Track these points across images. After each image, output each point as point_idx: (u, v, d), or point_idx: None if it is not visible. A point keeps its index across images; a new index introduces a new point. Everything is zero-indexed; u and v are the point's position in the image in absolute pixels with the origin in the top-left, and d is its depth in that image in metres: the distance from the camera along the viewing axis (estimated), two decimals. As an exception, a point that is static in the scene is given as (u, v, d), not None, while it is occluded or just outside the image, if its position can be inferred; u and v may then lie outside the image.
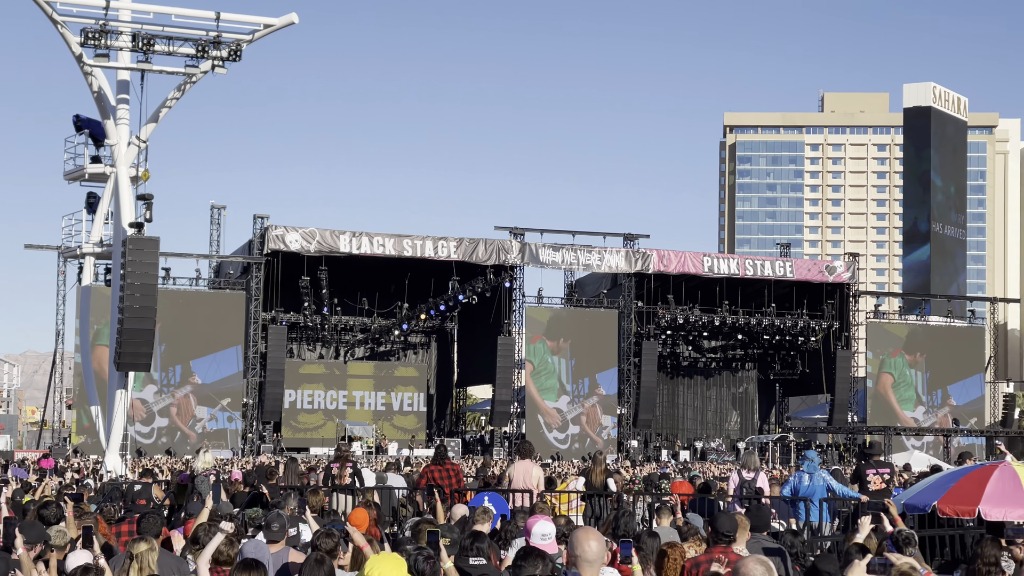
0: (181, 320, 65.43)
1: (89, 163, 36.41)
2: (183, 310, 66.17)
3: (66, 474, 30.59)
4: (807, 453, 20.02)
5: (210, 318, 67.23)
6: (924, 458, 56.04)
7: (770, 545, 11.95)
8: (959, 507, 12.05)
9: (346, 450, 22.95)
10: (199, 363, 67.58)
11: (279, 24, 35.57)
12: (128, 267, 33.50)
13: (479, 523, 12.48)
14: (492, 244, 69.72)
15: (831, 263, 79.32)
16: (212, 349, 67.65)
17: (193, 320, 66.48)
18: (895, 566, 8.48)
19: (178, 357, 66.91)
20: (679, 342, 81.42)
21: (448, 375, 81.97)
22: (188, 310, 66.61)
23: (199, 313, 67.17)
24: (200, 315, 67.06)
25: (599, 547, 8.21)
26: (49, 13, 33.27)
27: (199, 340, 67.14)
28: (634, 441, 73.80)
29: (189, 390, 67.38)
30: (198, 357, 67.45)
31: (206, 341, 67.36)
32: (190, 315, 66.39)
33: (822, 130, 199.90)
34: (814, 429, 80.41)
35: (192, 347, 67.02)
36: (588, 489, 20.65)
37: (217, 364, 67.77)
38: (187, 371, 67.35)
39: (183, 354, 67.00)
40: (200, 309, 67.50)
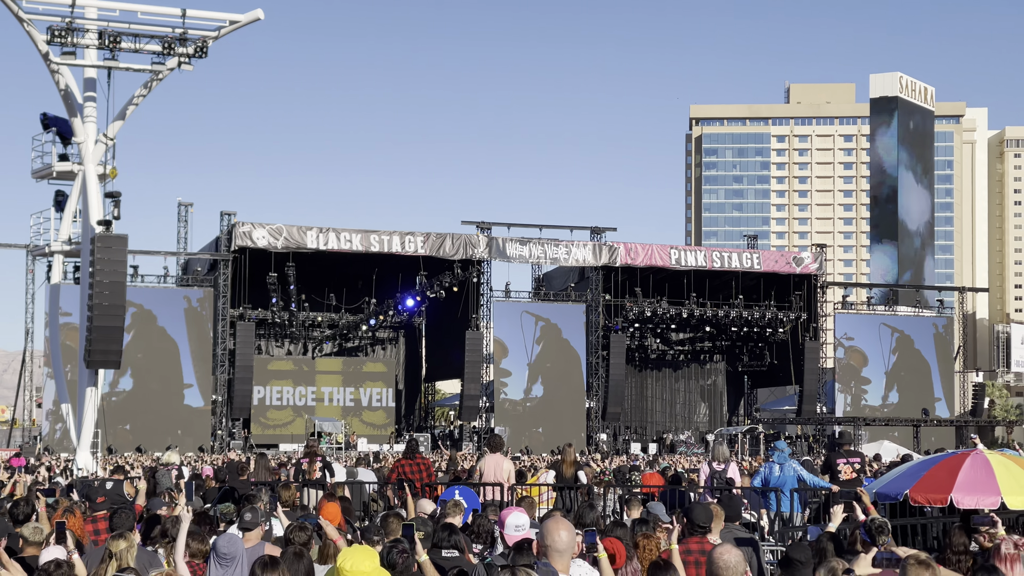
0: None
1: (57, 161, 36.24)
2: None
3: (39, 471, 30.47)
4: (777, 444, 20.11)
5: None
6: (894, 448, 56.45)
7: (742, 535, 12.05)
8: (931, 495, 12.14)
9: (315, 445, 22.98)
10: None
11: (245, 20, 35.48)
12: (97, 265, 33.39)
13: (451, 516, 12.53)
14: (459, 239, 69.73)
15: (798, 254, 79.64)
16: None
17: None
18: (908, 556, 8.49)
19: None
20: (647, 335, 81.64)
21: (416, 370, 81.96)
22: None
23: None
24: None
25: (569, 536, 8.29)
26: (15, 11, 33.10)
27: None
28: (603, 434, 73.97)
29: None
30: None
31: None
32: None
33: (788, 121, 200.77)
34: (783, 420, 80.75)
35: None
36: (558, 482, 20.72)
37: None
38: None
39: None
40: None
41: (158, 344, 67.07)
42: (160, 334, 67.38)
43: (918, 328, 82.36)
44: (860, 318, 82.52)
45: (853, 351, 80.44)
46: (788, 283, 76.83)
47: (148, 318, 66.57)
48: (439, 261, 69.64)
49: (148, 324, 66.58)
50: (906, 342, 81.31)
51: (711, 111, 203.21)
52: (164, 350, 67.30)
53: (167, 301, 68.00)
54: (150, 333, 66.74)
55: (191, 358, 68.04)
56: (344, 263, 70.77)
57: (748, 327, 77.48)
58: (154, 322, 67.07)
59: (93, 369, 35.00)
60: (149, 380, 66.84)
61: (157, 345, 67.01)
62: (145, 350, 66.15)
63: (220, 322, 67.42)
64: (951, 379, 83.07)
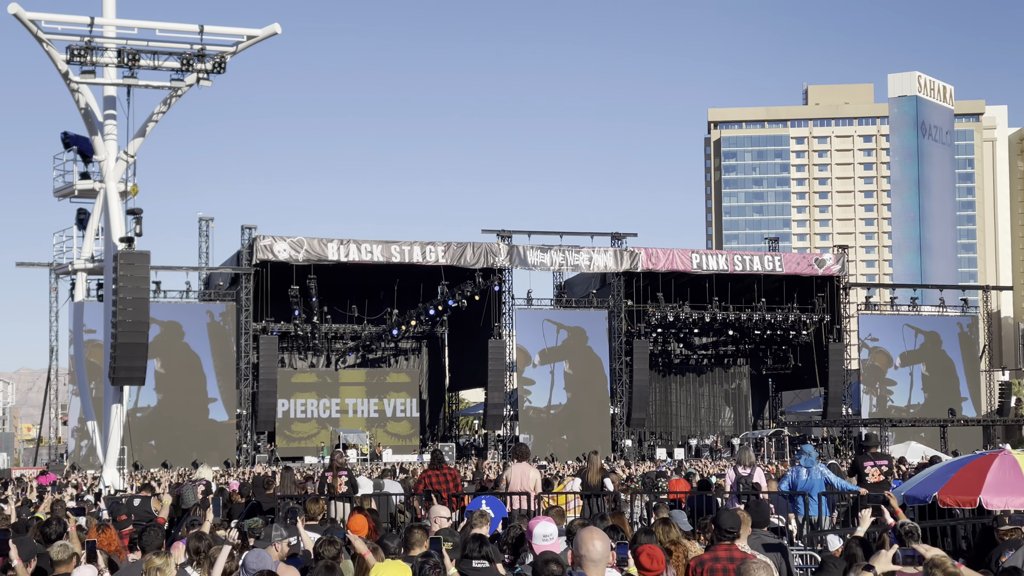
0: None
1: (78, 179, 36.39)
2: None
3: (66, 490, 30.54)
4: (804, 447, 20.02)
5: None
6: (920, 449, 56.20)
7: (770, 541, 12.01)
8: (960, 497, 12.10)
9: (340, 458, 22.96)
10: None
11: (262, 35, 35.58)
12: (120, 282, 33.52)
13: (478, 526, 12.50)
14: (480, 248, 69.73)
15: (820, 256, 79.38)
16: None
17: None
18: (931, 558, 8.45)
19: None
20: (670, 340, 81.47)
21: (440, 380, 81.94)
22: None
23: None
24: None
25: (603, 546, 8.25)
26: (34, 32, 33.27)
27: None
28: (628, 440, 73.81)
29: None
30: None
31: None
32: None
33: (807, 123, 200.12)
34: (808, 423, 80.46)
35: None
36: (585, 489, 20.69)
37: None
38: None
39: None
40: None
41: (182, 359, 67.26)
42: (183, 349, 67.60)
43: (943, 328, 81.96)
44: (884, 319, 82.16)
45: (877, 352, 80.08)
46: (811, 285, 76.60)
47: (171, 334, 66.73)
48: (460, 270, 69.65)
49: (172, 340, 66.76)
50: (931, 342, 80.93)
51: (729, 114, 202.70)
52: (188, 365, 67.49)
53: (190, 316, 68.19)
54: (174, 349, 66.95)
55: (215, 373, 68.23)
56: (365, 274, 70.82)
57: (771, 330, 77.26)
58: (178, 338, 67.28)
59: (118, 386, 35.12)
60: (174, 396, 67.02)
61: (181, 360, 67.20)
62: (169, 366, 66.35)
63: (243, 336, 67.55)
64: (977, 378, 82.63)
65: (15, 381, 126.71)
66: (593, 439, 67.40)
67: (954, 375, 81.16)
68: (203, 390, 68.06)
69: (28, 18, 33.04)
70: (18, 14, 32.85)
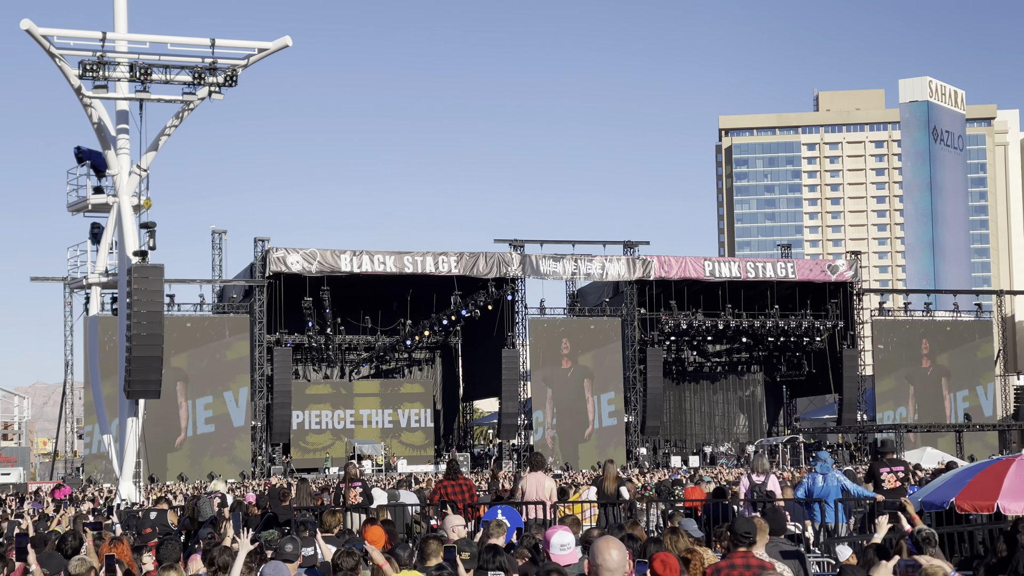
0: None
1: (92, 194, 36.52)
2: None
3: (83, 505, 30.60)
4: (819, 454, 19.95)
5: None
6: (936, 454, 56.05)
7: (788, 548, 11.99)
8: (977, 503, 12.08)
9: (354, 469, 22.96)
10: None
11: (273, 48, 35.69)
12: (134, 295, 33.61)
13: (494, 537, 12.50)
14: (492, 257, 69.78)
15: (833, 262, 79.30)
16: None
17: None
18: (923, 568, 8.46)
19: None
20: (684, 347, 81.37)
21: (454, 390, 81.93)
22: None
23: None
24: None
25: (620, 556, 8.24)
26: (47, 47, 33.41)
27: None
28: (643, 448, 73.74)
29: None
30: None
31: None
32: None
33: (818, 129, 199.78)
34: (823, 429, 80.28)
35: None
36: (600, 498, 20.66)
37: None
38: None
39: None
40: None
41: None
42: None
43: (957, 333, 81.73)
44: (898, 324, 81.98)
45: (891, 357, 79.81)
46: (824, 291, 76.51)
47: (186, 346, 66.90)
48: (473, 280, 69.70)
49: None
50: (945, 347, 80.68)
51: (740, 121, 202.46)
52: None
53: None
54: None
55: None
56: (378, 285, 70.90)
57: (785, 337, 77.16)
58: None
59: (133, 399, 35.19)
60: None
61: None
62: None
63: (257, 348, 67.63)
64: (992, 383, 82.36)
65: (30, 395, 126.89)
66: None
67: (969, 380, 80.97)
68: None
69: (40, 34, 33.18)
70: (31, 30, 33.00)
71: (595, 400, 73.16)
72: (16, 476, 75.37)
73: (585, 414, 72.90)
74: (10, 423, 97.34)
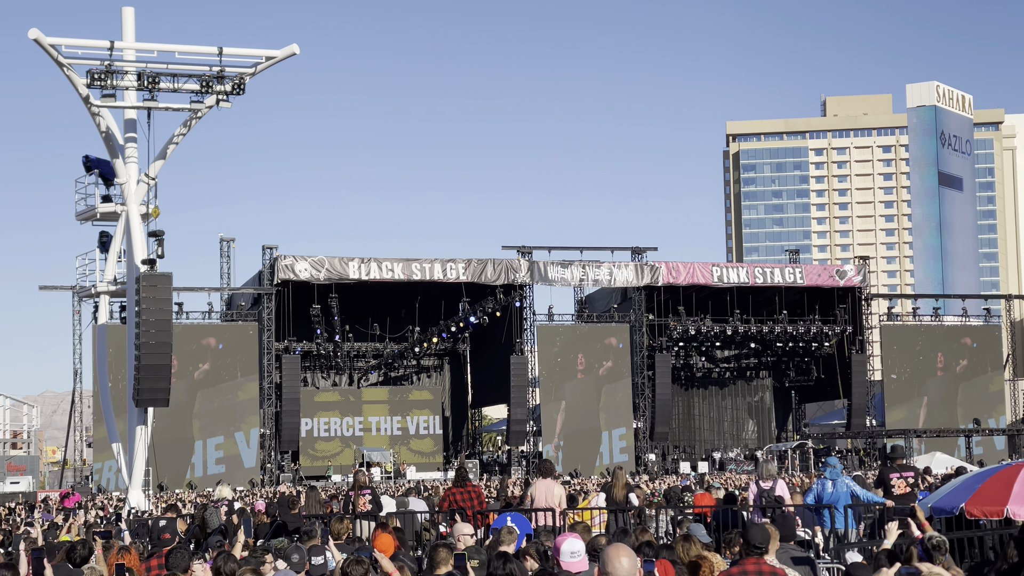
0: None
1: (100, 203, 36.57)
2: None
3: (90, 512, 30.64)
4: (829, 460, 19.94)
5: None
6: (945, 459, 55.92)
7: (799, 554, 11.98)
8: (987, 508, 12.04)
9: (363, 477, 22.95)
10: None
11: (280, 56, 35.74)
12: (142, 304, 33.65)
13: (504, 544, 12.49)
14: (500, 264, 69.78)
15: (841, 267, 79.17)
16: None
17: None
18: (923, 575, 8.45)
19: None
20: (692, 353, 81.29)
21: (462, 397, 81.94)
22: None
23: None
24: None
25: (631, 563, 8.22)
26: (55, 56, 33.48)
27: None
28: (651, 455, 73.65)
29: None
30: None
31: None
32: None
33: (825, 134, 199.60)
34: (833, 435, 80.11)
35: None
36: (610, 505, 20.65)
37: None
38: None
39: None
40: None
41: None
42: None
43: (966, 337, 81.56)
44: (906, 329, 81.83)
45: (901, 362, 79.65)
46: (832, 296, 76.41)
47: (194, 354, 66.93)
48: (481, 287, 69.71)
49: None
50: (954, 352, 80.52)
51: (747, 127, 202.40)
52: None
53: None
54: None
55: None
56: (386, 292, 70.93)
57: (793, 342, 77.08)
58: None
59: (142, 408, 35.22)
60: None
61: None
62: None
63: (266, 355, 67.68)
64: (1001, 388, 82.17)
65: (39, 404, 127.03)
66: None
67: (978, 385, 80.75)
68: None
69: (49, 43, 33.26)
70: (39, 39, 33.08)
71: (604, 401, 73.08)
72: (25, 485, 75.45)
73: (596, 419, 72.75)
74: (19, 432, 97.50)
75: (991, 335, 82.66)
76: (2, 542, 22.55)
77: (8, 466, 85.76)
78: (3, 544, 22.25)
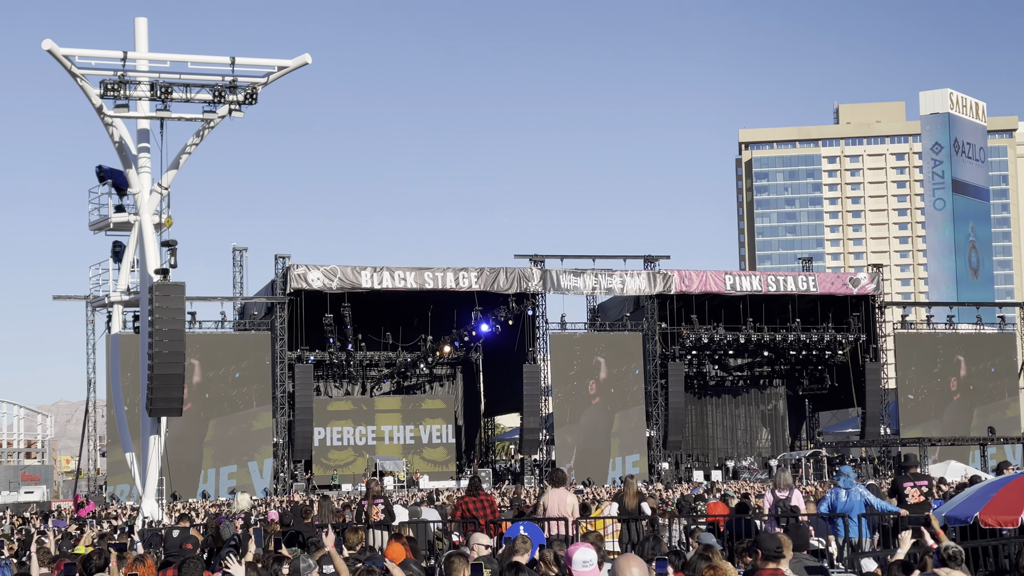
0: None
1: (113, 212, 36.65)
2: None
3: (103, 523, 30.67)
4: (842, 468, 19.88)
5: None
6: (960, 468, 55.72)
7: (812, 564, 11.94)
8: (1002, 517, 12.00)
9: (374, 486, 22.97)
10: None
11: (293, 66, 35.79)
12: (156, 313, 33.69)
13: (519, 553, 12.46)
14: (513, 273, 69.77)
15: (855, 275, 79.00)
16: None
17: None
18: None
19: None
20: (705, 362, 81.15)
21: (475, 406, 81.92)
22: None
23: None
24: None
25: (641, 573, 8.23)
26: (68, 67, 33.57)
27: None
28: (664, 463, 73.56)
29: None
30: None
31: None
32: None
33: (838, 142, 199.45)
34: (846, 443, 79.88)
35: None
36: (622, 514, 20.62)
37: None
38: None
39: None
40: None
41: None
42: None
43: (980, 345, 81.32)
44: (921, 337, 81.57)
45: (915, 370, 79.37)
46: (845, 305, 76.23)
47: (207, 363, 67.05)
48: (494, 296, 69.70)
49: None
50: (968, 360, 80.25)
51: (760, 135, 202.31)
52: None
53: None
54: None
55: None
56: (399, 301, 70.93)
57: (807, 350, 76.91)
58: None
59: (156, 417, 35.25)
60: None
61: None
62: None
63: (278, 365, 67.73)
64: (1016, 396, 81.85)
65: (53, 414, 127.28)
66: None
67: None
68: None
69: (62, 54, 33.35)
70: (52, 50, 33.17)
71: (617, 416, 73.03)
72: (39, 494, 75.64)
73: (608, 428, 72.71)
74: (33, 441, 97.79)
75: (1006, 343, 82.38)
76: (16, 552, 22.58)
77: (22, 475, 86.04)
78: (17, 555, 22.28)
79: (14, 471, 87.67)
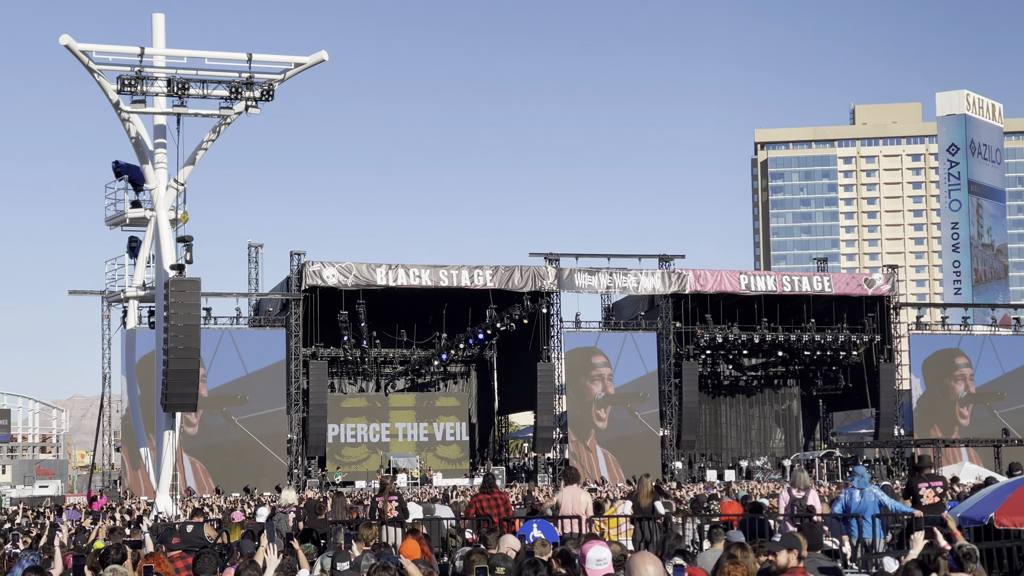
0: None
1: (129, 208, 36.81)
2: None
3: (115, 515, 30.72)
4: (856, 469, 19.84)
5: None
6: (974, 469, 55.56)
7: (826, 564, 11.94)
8: (1017, 518, 11.98)
9: (389, 482, 23.00)
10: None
11: (310, 62, 35.89)
12: (171, 309, 33.79)
13: (539, 555, 12.46)
14: (527, 271, 69.79)
15: (870, 276, 78.82)
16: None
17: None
18: None
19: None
20: (719, 361, 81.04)
21: (489, 403, 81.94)
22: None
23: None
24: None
25: (656, 572, 8.22)
26: (86, 63, 33.70)
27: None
28: (678, 463, 73.52)
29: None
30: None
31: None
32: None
33: (854, 143, 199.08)
34: (860, 444, 79.71)
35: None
36: (636, 513, 20.61)
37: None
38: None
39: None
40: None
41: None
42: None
43: (995, 346, 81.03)
44: (935, 338, 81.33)
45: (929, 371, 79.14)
46: (860, 305, 76.06)
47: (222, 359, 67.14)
48: (508, 294, 69.70)
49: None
50: (983, 361, 79.99)
51: (776, 135, 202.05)
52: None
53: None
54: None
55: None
56: (414, 299, 70.94)
57: (821, 351, 76.74)
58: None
59: (170, 412, 35.35)
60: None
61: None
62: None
63: (293, 361, 67.84)
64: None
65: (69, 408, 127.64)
66: (643, 462, 67.15)
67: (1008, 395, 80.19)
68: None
69: (79, 49, 33.48)
70: (70, 45, 33.30)
71: (632, 415, 73.03)
72: (54, 488, 75.92)
73: (622, 426, 72.73)
74: (48, 436, 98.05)
75: (1021, 344, 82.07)
76: (31, 545, 22.64)
77: (37, 470, 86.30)
78: (31, 547, 22.34)
79: (29, 465, 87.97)
